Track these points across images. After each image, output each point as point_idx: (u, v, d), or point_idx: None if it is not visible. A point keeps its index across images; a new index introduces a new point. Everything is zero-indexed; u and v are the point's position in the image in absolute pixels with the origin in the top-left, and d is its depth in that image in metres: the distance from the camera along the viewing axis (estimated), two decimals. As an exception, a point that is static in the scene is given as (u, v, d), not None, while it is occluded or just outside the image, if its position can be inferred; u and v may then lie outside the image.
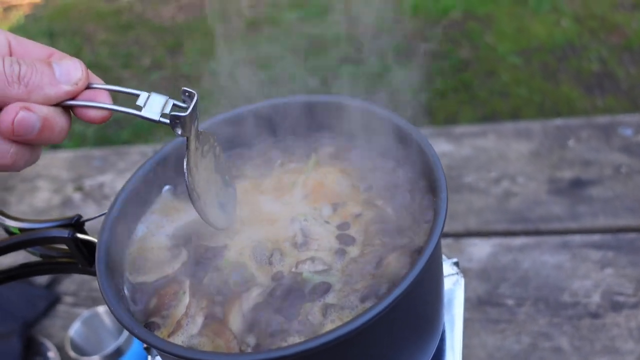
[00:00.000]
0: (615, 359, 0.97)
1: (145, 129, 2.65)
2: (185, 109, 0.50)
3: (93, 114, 0.50)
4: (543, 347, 1.02)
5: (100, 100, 0.50)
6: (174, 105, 0.50)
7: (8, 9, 3.76)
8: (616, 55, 2.49)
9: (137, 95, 0.50)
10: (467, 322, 1.09)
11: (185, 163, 0.52)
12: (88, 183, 1.53)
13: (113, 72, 3.01)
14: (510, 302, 1.10)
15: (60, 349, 1.17)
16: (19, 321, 1.23)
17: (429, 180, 0.55)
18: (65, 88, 0.49)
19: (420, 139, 0.56)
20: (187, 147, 0.52)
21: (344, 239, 0.56)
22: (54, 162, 1.62)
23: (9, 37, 0.51)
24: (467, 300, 1.12)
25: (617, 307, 1.04)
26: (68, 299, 1.30)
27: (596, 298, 1.06)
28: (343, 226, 0.57)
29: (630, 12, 2.68)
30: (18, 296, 1.29)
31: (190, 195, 0.53)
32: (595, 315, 1.04)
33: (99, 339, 1.15)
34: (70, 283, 1.32)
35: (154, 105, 0.50)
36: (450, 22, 2.90)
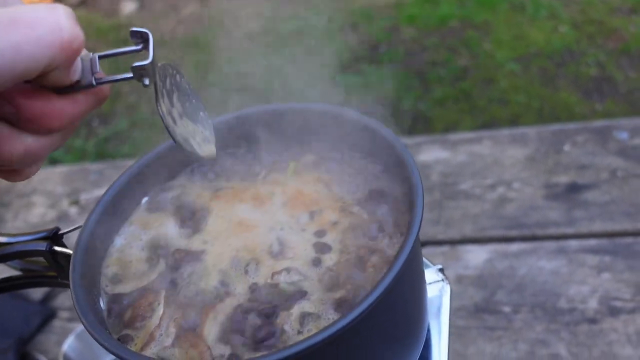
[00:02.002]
0: (613, 365, 0.96)
1: (145, 143, 2.65)
2: (140, 53, 0.46)
3: None
4: (540, 354, 1.01)
5: None
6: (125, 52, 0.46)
7: (9, 27, 3.79)
8: (614, 60, 2.48)
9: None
10: (463, 330, 1.08)
11: (159, 110, 0.49)
12: (84, 197, 1.53)
13: (113, 87, 3.02)
14: (507, 309, 1.08)
15: (55, 364, 1.17)
16: (14, 337, 1.23)
17: (406, 185, 0.54)
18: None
19: (394, 141, 0.56)
20: (156, 92, 0.48)
21: (321, 247, 0.55)
22: (50, 177, 1.62)
23: None
24: (463, 307, 1.11)
25: (614, 312, 1.02)
26: (63, 314, 1.30)
27: (593, 303, 1.05)
28: (320, 234, 0.56)
29: (628, 17, 2.68)
30: (12, 312, 1.28)
31: (175, 140, 0.51)
32: (592, 321, 1.02)
33: (93, 354, 1.15)
34: (66, 298, 1.32)
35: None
36: (448, 30, 2.90)
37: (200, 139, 0.54)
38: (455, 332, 1.06)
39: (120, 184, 0.61)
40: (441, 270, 0.67)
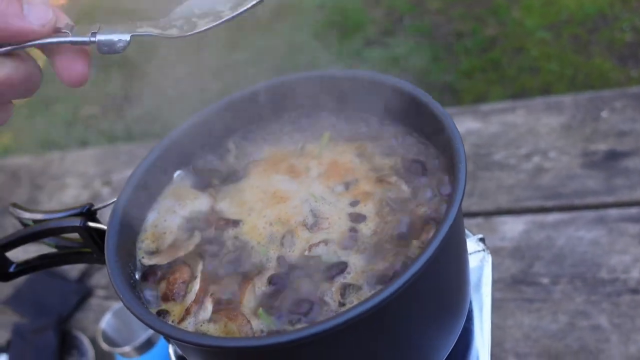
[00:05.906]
0: (658, 335, 0.93)
1: (174, 122, 2.66)
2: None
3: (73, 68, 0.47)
4: (581, 325, 0.98)
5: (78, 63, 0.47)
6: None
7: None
8: (651, 24, 2.39)
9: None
10: (501, 302, 1.06)
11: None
12: (116, 177, 1.54)
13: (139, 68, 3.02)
14: (545, 280, 1.06)
15: (94, 341, 1.19)
16: (54, 316, 1.25)
17: (447, 152, 0.52)
18: (32, 27, 0.43)
19: (437, 110, 0.53)
20: None
21: (356, 218, 0.53)
22: (82, 159, 1.64)
23: None
24: (500, 280, 1.09)
25: (658, 282, 0.99)
26: (100, 292, 1.31)
27: (635, 273, 1.02)
28: (355, 204, 0.55)
29: (665, -23, 2.58)
30: (52, 291, 1.31)
31: None
32: (635, 291, 0.99)
33: (130, 330, 1.16)
34: (102, 276, 1.33)
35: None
36: (475, -2, 2.83)
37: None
38: (493, 305, 1.04)
39: (152, 158, 0.60)
40: (482, 240, 0.66)
